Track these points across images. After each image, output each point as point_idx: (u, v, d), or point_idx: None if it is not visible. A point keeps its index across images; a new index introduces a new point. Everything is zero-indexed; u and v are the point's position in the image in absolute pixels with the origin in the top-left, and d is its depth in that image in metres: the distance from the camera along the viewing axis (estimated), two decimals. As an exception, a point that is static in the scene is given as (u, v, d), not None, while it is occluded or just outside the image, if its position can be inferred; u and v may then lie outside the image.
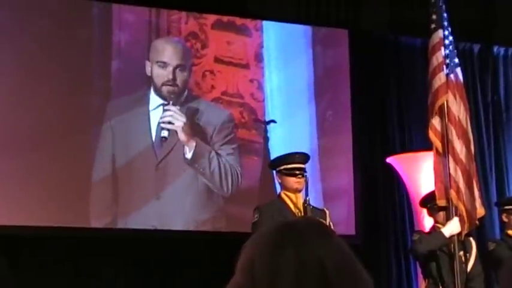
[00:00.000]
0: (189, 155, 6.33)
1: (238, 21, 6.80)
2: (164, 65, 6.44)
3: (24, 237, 5.71)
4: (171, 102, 6.35)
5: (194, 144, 6.35)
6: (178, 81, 6.45)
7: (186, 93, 6.49)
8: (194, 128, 6.40)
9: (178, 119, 6.32)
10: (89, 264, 5.90)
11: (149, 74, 6.40)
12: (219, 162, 6.41)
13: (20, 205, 5.84)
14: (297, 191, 4.57)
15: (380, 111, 7.26)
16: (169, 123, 6.30)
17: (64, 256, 5.84)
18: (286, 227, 1.32)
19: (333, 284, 1.21)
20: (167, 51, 6.49)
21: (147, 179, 6.22)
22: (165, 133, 6.28)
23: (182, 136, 6.32)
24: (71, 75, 6.15)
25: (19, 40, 6.06)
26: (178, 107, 6.38)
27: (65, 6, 6.27)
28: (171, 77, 6.42)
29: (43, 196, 5.91)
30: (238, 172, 6.48)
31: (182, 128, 6.32)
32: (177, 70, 6.46)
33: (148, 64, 6.40)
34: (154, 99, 6.39)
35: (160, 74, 6.41)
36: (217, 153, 6.43)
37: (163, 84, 6.39)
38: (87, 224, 6.06)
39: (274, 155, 6.01)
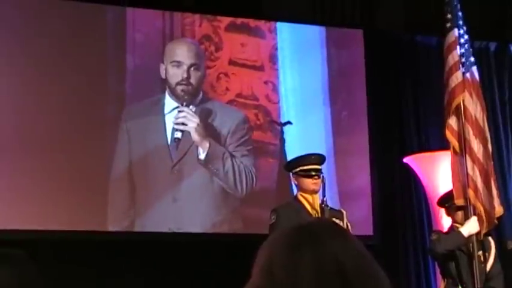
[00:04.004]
0: (202, 156, 6.33)
1: (252, 23, 6.80)
2: (178, 64, 6.45)
3: (43, 241, 5.73)
4: (184, 103, 6.35)
5: (208, 145, 6.35)
6: (193, 81, 6.46)
7: (200, 95, 6.50)
8: (208, 129, 6.41)
9: (191, 120, 6.33)
10: (108, 267, 5.92)
11: (164, 77, 6.41)
12: (232, 163, 6.41)
13: (37, 210, 5.87)
14: (313, 192, 4.57)
15: (396, 111, 7.24)
16: (183, 124, 6.31)
17: (83, 260, 5.86)
18: (301, 228, 1.32)
19: (351, 284, 1.21)
20: (181, 51, 6.51)
21: (163, 182, 6.23)
22: (178, 134, 6.29)
23: (195, 137, 6.33)
24: (87, 79, 6.18)
25: (36, 45, 6.09)
26: (192, 108, 6.39)
27: (79, 10, 6.29)
28: (185, 75, 6.43)
29: (60, 200, 5.94)
30: (252, 173, 6.48)
31: (195, 129, 6.32)
32: (192, 69, 6.47)
33: (162, 66, 6.41)
34: (169, 103, 6.40)
35: (175, 74, 6.42)
36: (231, 155, 6.43)
37: (177, 84, 6.40)
38: (104, 227, 6.08)
39: (290, 156, 6.00)
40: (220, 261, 6.16)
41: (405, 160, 6.72)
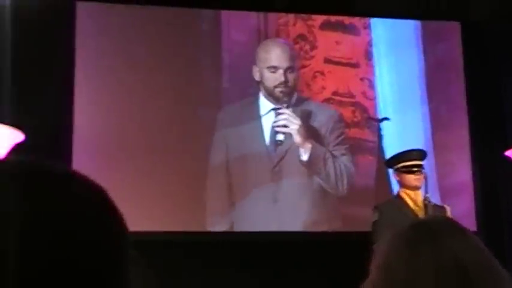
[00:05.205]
0: (304, 157, 6.34)
1: (346, 20, 6.78)
2: (275, 69, 6.47)
3: (146, 242, 5.87)
4: (284, 105, 6.38)
5: (310, 146, 6.35)
6: (290, 83, 6.48)
7: (295, 96, 6.52)
8: (309, 130, 6.41)
9: (293, 122, 6.34)
10: (210, 266, 6.01)
11: (258, 79, 6.45)
12: (334, 163, 6.40)
13: (142, 211, 6.02)
14: (416, 188, 4.54)
15: (497, 104, 7.06)
16: (284, 126, 6.33)
17: (184, 260, 5.97)
18: (420, 225, 1.32)
19: (473, 281, 1.20)
20: (275, 54, 6.53)
21: (263, 183, 6.27)
22: (280, 137, 6.30)
23: (297, 139, 6.34)
24: (185, 83, 6.31)
25: (135, 52, 6.26)
26: (291, 110, 6.41)
27: (176, 16, 6.43)
28: (283, 79, 6.44)
29: (161, 202, 6.07)
30: (352, 172, 6.45)
31: (297, 130, 6.33)
32: (288, 72, 6.49)
33: (255, 69, 6.45)
34: (265, 104, 6.44)
35: (272, 77, 6.43)
36: (332, 154, 6.42)
37: (275, 87, 6.43)
38: (203, 228, 6.18)
39: (388, 153, 5.95)
40: (321, 260, 6.16)
41: (507, 153, 6.54)
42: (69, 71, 6.13)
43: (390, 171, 5.23)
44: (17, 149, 4.45)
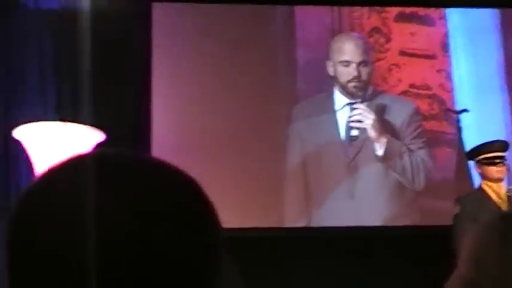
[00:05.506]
0: (380, 152, 6.29)
1: (421, 11, 6.68)
2: (347, 63, 6.43)
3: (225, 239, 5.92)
4: (358, 100, 6.34)
5: (385, 140, 6.29)
6: (363, 77, 6.44)
7: (371, 89, 6.47)
8: (384, 125, 6.35)
9: (367, 117, 6.29)
10: (286, 262, 6.03)
11: (332, 74, 6.43)
12: (410, 158, 6.32)
13: (219, 209, 6.08)
14: (498, 180, 4.46)
15: None
16: (359, 121, 6.29)
17: (263, 256, 6.00)
18: (510, 217, 1.30)
19: None
20: (348, 49, 6.49)
21: (339, 179, 6.25)
22: (355, 132, 6.27)
23: (372, 133, 6.29)
24: (259, 80, 6.34)
25: (210, 49, 6.33)
26: (365, 104, 6.36)
27: (249, 13, 6.47)
28: (355, 74, 6.40)
29: (239, 199, 6.12)
30: (430, 166, 6.36)
31: (372, 125, 6.28)
32: (361, 66, 6.45)
33: (329, 63, 6.43)
34: (340, 99, 6.41)
35: (345, 72, 6.41)
36: (408, 149, 6.34)
37: (348, 82, 6.39)
38: (282, 224, 6.20)
39: (468, 145, 5.85)
40: (403, 254, 6.10)
41: None
42: (147, 71, 6.26)
43: (471, 163, 5.14)
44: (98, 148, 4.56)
